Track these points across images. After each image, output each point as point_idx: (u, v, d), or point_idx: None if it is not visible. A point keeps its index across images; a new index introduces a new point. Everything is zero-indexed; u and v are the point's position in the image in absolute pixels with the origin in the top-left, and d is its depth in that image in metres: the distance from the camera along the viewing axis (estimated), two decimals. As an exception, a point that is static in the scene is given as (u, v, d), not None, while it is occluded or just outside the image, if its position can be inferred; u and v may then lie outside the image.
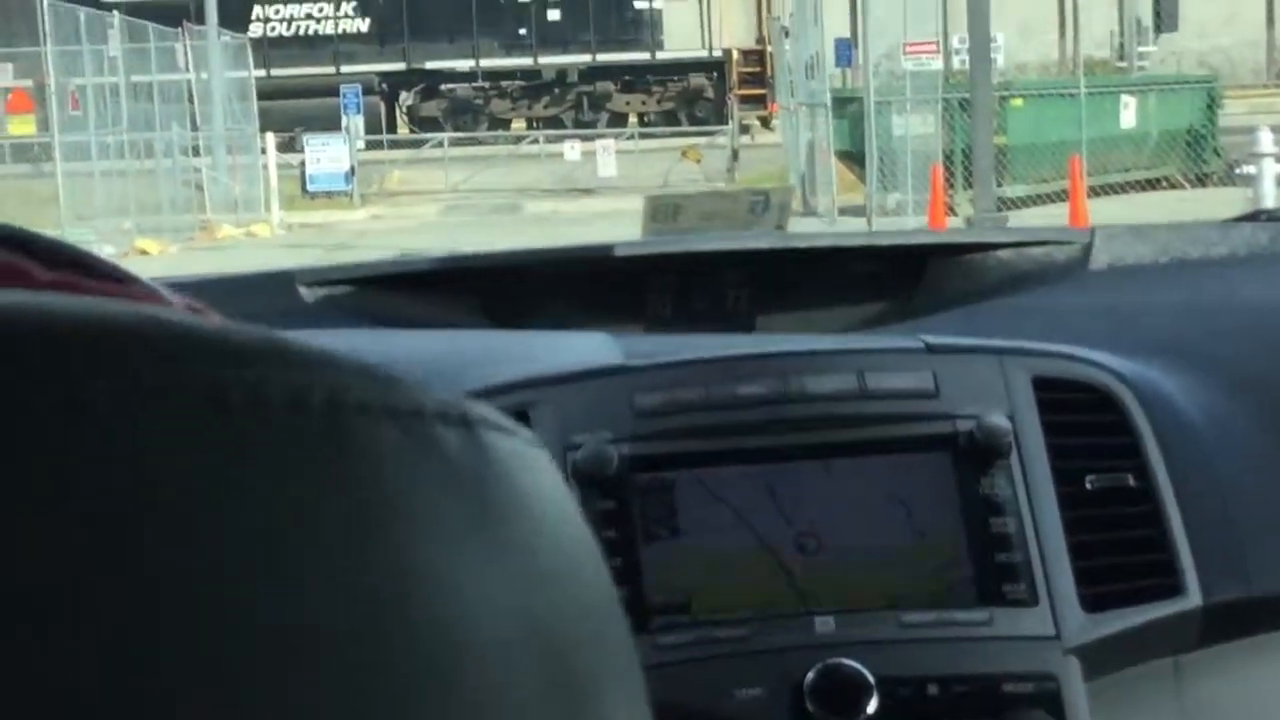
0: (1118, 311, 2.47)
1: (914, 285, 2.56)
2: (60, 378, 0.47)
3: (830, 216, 24.63)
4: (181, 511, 0.47)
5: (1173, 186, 27.07)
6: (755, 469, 2.00)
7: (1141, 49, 47.57)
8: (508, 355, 2.17)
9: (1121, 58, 48.65)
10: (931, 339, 2.14)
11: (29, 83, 27.11)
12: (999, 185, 22.56)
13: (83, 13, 27.04)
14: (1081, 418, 2.08)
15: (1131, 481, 2.05)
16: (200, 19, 32.63)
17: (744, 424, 2.01)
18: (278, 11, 42.76)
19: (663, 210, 2.67)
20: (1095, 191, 23.04)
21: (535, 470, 0.57)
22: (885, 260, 2.63)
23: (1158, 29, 45.88)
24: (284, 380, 0.50)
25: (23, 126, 26.33)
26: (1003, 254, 2.58)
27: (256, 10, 42.26)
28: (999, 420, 2.02)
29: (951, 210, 22.26)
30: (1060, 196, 22.65)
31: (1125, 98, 27.23)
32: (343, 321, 2.43)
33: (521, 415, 2.00)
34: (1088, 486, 2.04)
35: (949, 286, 2.53)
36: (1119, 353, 2.19)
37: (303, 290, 2.48)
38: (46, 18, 24.85)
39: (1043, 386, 2.09)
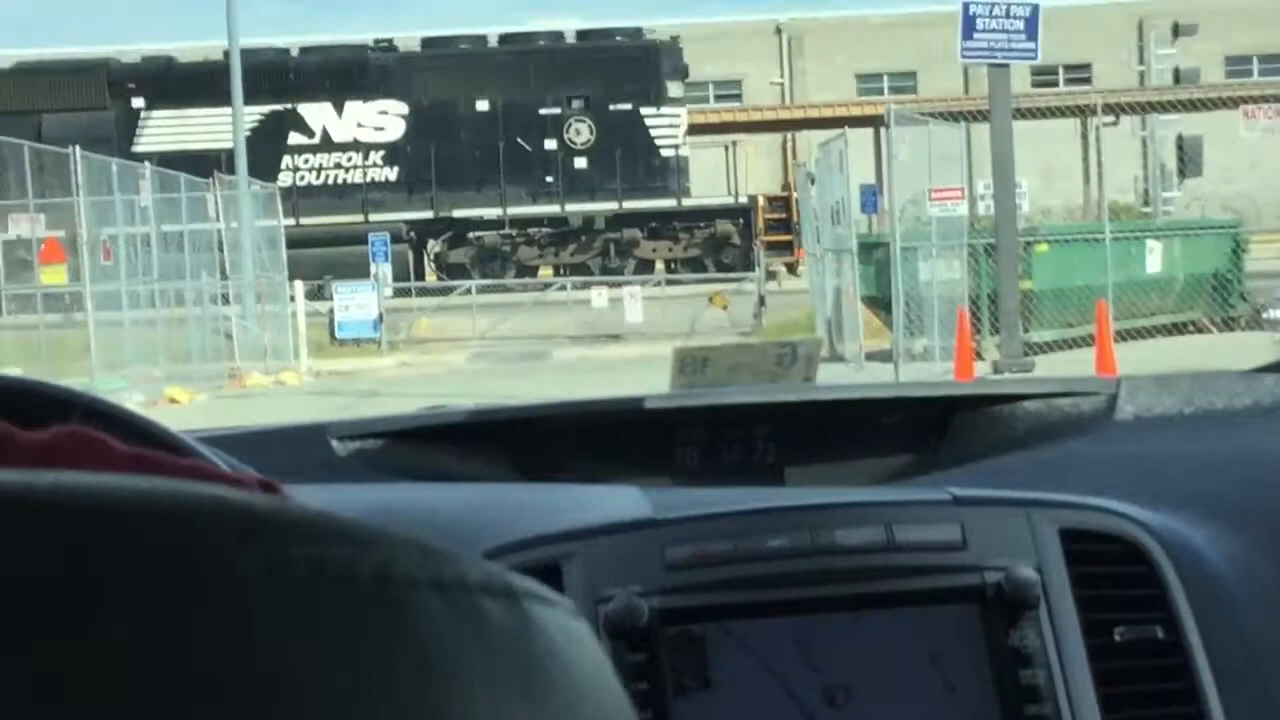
0: (1144, 462, 2.48)
1: (941, 437, 2.58)
2: (132, 562, 0.49)
3: (857, 362, 24.64)
4: (252, 679, 0.49)
5: (1199, 331, 27.06)
6: (784, 621, 2.01)
7: (1166, 194, 47.83)
8: (538, 509, 2.19)
9: (1146, 203, 48.94)
10: (959, 491, 2.15)
11: (61, 233, 27.33)
12: (1025, 330, 22.58)
13: (115, 164, 27.31)
14: (1109, 569, 2.09)
15: (1160, 633, 2.05)
16: (230, 169, 32.95)
17: (773, 577, 2.02)
18: (307, 161, 43.19)
19: (691, 362, 2.69)
20: (1121, 336, 23.04)
21: (577, 641, 0.59)
22: (912, 412, 2.65)
23: (1182, 174, 46.13)
24: (337, 555, 0.51)
25: (55, 276, 26.49)
26: (1029, 405, 2.59)
27: (286, 160, 42.69)
28: (1027, 572, 2.02)
29: (978, 355, 22.25)
30: (1086, 341, 22.63)
31: (1150, 242, 27.29)
32: (374, 475, 2.45)
33: (553, 569, 2.01)
34: (1116, 638, 2.04)
35: (976, 438, 2.55)
36: (1146, 504, 2.19)
37: (335, 443, 2.50)
38: (79, 169, 25.09)
39: (1070, 538, 2.09)
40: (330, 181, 43.43)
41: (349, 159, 43.32)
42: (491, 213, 42.72)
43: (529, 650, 0.55)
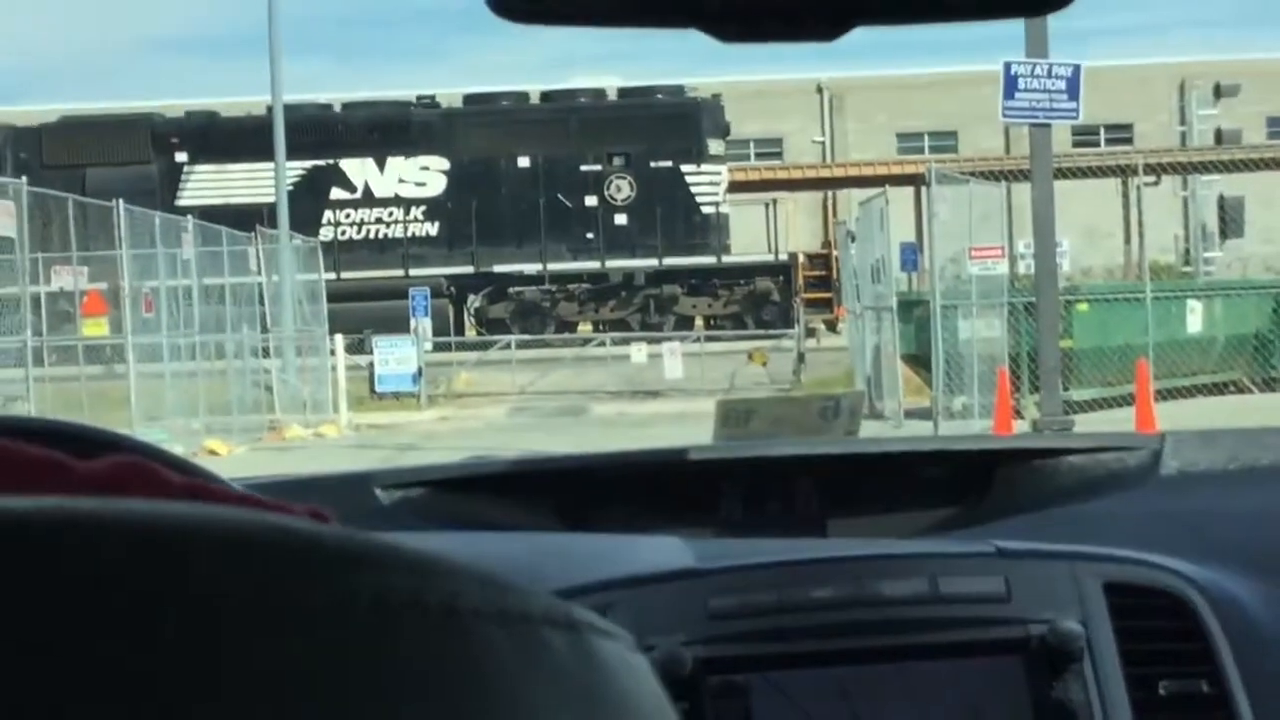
0: (1188, 518, 2.47)
1: (985, 490, 2.58)
2: (205, 586, 0.50)
3: (896, 419, 24.61)
4: (322, 708, 0.50)
5: (1240, 391, 26.97)
6: (827, 672, 2.01)
7: (1207, 254, 47.76)
8: (582, 558, 2.19)
9: (1187, 262, 48.86)
10: (1003, 544, 2.15)
11: (104, 285, 27.49)
12: (1065, 389, 22.51)
13: (158, 217, 27.47)
14: (1154, 623, 2.08)
15: (1205, 688, 2.04)
16: (272, 223, 33.10)
17: (817, 627, 2.02)
18: (348, 216, 43.37)
19: (734, 415, 2.71)
20: (1162, 395, 22.98)
21: (637, 674, 0.60)
22: (955, 465, 2.65)
23: (1223, 234, 46.05)
24: (404, 585, 0.52)
25: (96, 328, 26.62)
26: (1074, 459, 2.59)
27: (328, 214, 42.88)
28: (1071, 625, 2.02)
29: (1018, 414, 22.20)
30: (1126, 400, 22.59)
31: (1192, 302, 27.24)
32: (418, 524, 2.45)
33: (596, 618, 2.01)
34: (1161, 692, 2.03)
35: (1020, 492, 2.55)
36: (1190, 559, 2.19)
37: (379, 492, 2.51)
38: (122, 222, 25.24)
39: (1115, 592, 2.09)
40: (371, 236, 43.60)
41: (390, 214, 43.49)
42: (532, 268, 42.83)
43: (590, 682, 0.56)
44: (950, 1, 1.68)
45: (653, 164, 43.17)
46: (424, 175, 43.41)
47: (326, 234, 41.26)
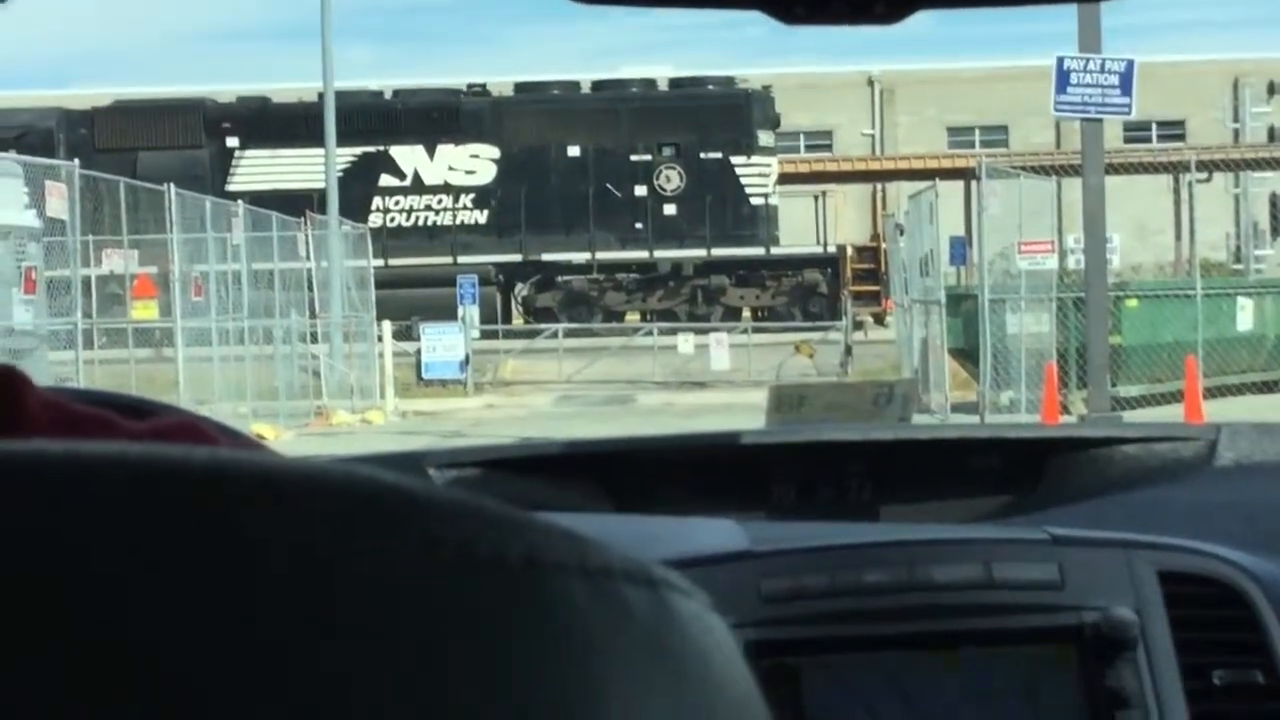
0: (1243, 509, 2.46)
1: (1038, 479, 2.57)
2: (297, 533, 0.51)
3: (943, 413, 24.56)
4: (406, 655, 0.50)
5: (1290, 389, 26.85)
6: (879, 656, 2.01)
7: (1258, 251, 47.51)
8: (634, 539, 2.19)
9: (1238, 260, 48.62)
10: (1057, 531, 2.14)
11: (154, 269, 27.60)
12: (1113, 385, 22.43)
13: (209, 202, 27.57)
14: (1208, 612, 2.07)
15: (1260, 678, 2.03)
16: (322, 209, 33.20)
17: (869, 611, 2.02)
18: (397, 203, 43.46)
19: (788, 400, 2.70)
20: (1210, 393, 22.87)
21: (715, 633, 0.60)
22: (1008, 454, 2.64)
23: (1275, 232, 45.81)
24: (487, 538, 0.53)
25: (146, 311, 26.73)
26: (1127, 449, 2.58)
27: (377, 201, 42.98)
28: (1125, 613, 2.01)
29: (1065, 409, 22.14)
30: (1175, 397, 22.51)
31: (1242, 299, 27.11)
32: None
33: (648, 599, 2.01)
34: (1215, 682, 2.02)
35: (1073, 481, 2.54)
36: (1245, 549, 2.18)
37: (432, 472, 2.52)
38: (173, 206, 25.34)
39: (1169, 580, 2.08)
40: (420, 223, 43.68)
41: (439, 201, 43.56)
42: (580, 257, 42.85)
43: (669, 638, 0.56)
44: None
45: (702, 155, 43.15)
46: (473, 163, 43.46)
47: (376, 220, 41.37)
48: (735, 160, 43.27)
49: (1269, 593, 2.09)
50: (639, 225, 42.96)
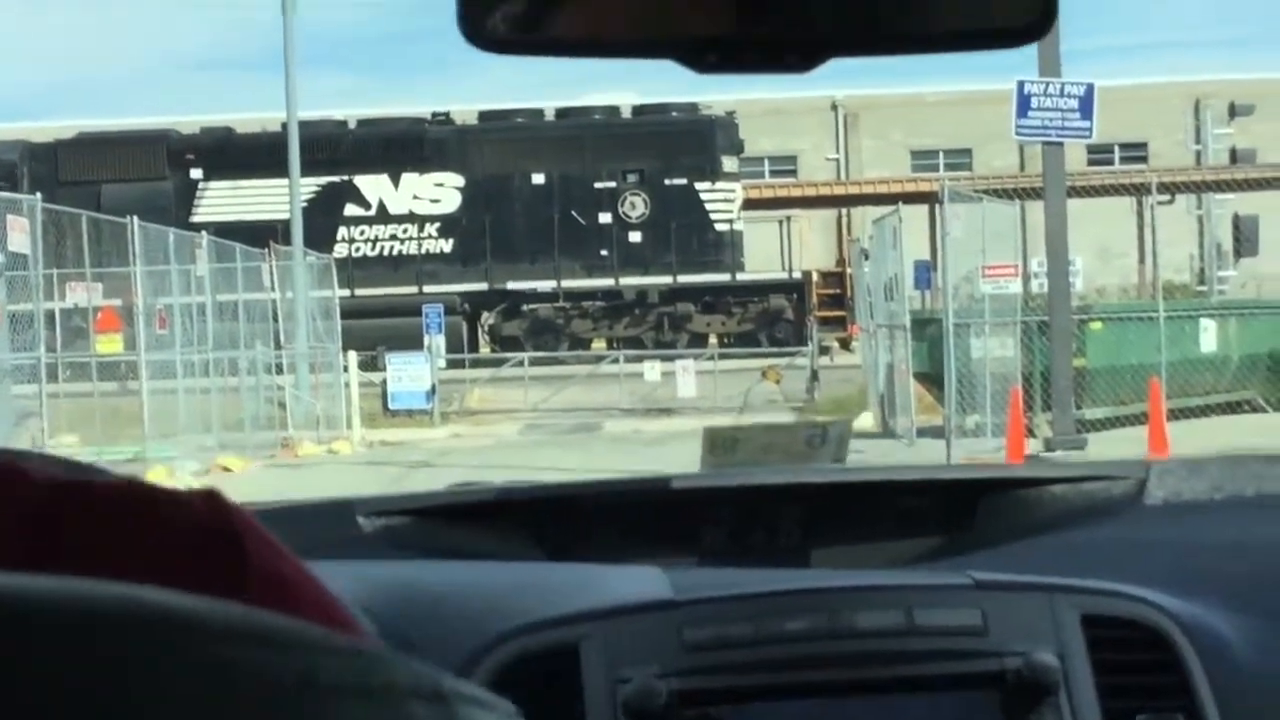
0: (1172, 548, 2.46)
1: (969, 520, 2.57)
2: (48, 666, 0.49)
3: (909, 438, 24.58)
4: None
5: (1254, 410, 26.91)
6: (803, 704, 2.00)
7: (1221, 273, 47.69)
8: (558, 589, 2.18)
9: (1201, 281, 48.80)
10: (980, 575, 2.14)
11: (118, 302, 27.52)
12: (1078, 408, 22.48)
13: (172, 234, 27.51)
14: (1132, 656, 2.07)
15: None
16: (287, 239, 33.16)
17: (792, 659, 2.02)
18: (362, 232, 43.43)
19: (721, 443, 2.70)
20: (1175, 415, 22.91)
21: None
22: (940, 495, 2.64)
23: (1238, 253, 46.02)
24: (256, 658, 0.51)
25: (110, 345, 26.65)
26: (1056, 489, 2.58)
27: (342, 231, 42.94)
28: (1047, 658, 2.01)
29: (1030, 432, 22.16)
30: (1140, 419, 22.53)
31: (1205, 321, 27.17)
32: (400, 553, 2.45)
33: (570, 650, 2.01)
34: None
35: (1003, 522, 2.54)
36: (1172, 590, 2.18)
37: (361, 520, 2.51)
38: (136, 239, 25.29)
39: (1092, 624, 2.08)
40: (385, 253, 43.65)
41: (404, 230, 43.54)
42: (545, 285, 42.86)
43: None
44: (923, 33, 1.68)
45: (667, 181, 43.20)
46: (438, 192, 43.46)
47: (341, 250, 41.34)
48: (700, 186, 43.33)
49: (1192, 635, 2.09)
50: (604, 252, 42.98)
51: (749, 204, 45.62)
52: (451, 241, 43.44)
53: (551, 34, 1.64)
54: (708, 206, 43.45)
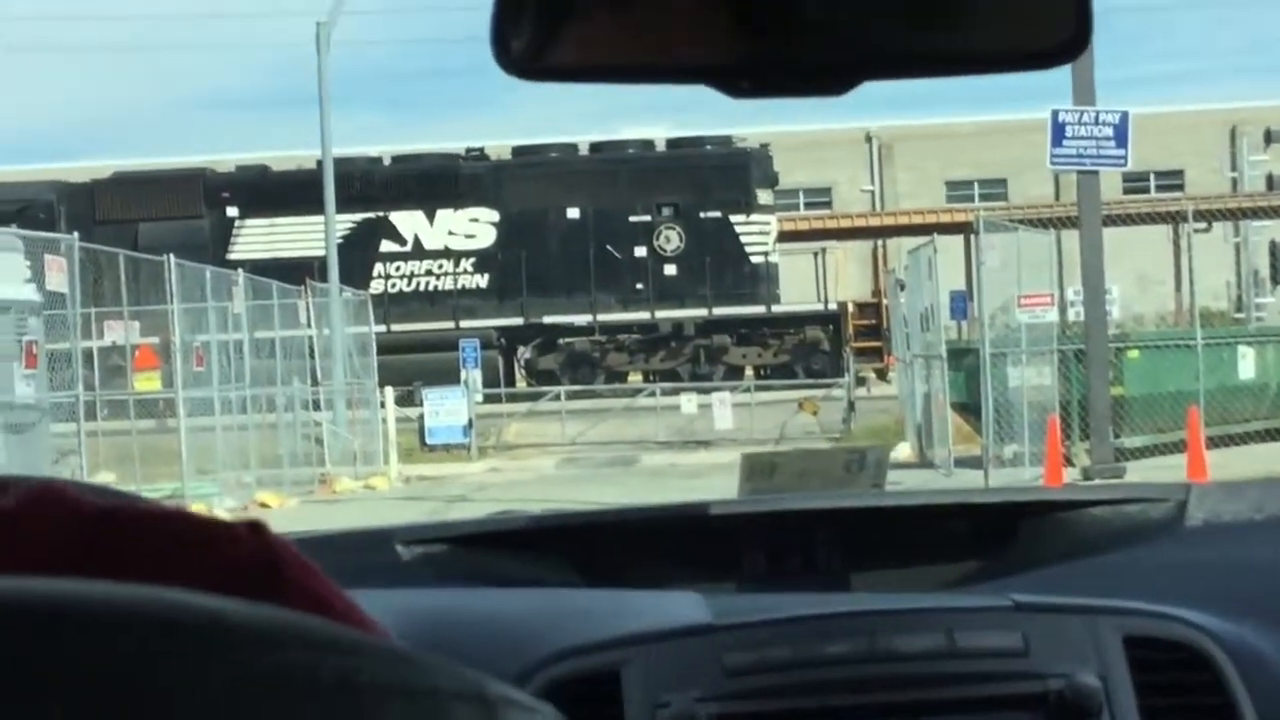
0: (1213, 569, 2.45)
1: (1008, 543, 2.56)
2: (92, 668, 0.49)
3: (946, 468, 24.54)
4: None
5: (1293, 438, 26.80)
6: None
7: (1259, 300, 47.56)
8: (598, 614, 2.19)
9: (1239, 309, 48.67)
10: (1021, 598, 2.14)
11: (155, 339, 27.62)
12: (1116, 436, 22.42)
13: (209, 271, 27.62)
14: (1174, 677, 2.06)
15: None
16: (323, 276, 33.26)
17: (832, 683, 2.01)
18: (398, 268, 43.52)
19: (759, 469, 2.70)
20: (1214, 442, 22.84)
21: None
22: (978, 519, 2.63)
23: (1275, 280, 45.85)
24: (301, 661, 0.52)
25: (148, 383, 26.73)
26: (1096, 511, 2.57)
27: (378, 267, 43.03)
28: (1089, 680, 2.00)
29: (1068, 461, 22.12)
30: (1178, 448, 22.46)
31: (1243, 348, 27.10)
32: (440, 580, 2.45)
33: (611, 675, 2.01)
34: None
35: (1043, 545, 2.53)
36: (1214, 611, 2.17)
37: (400, 549, 2.51)
38: (173, 277, 25.39)
39: (1134, 645, 2.07)
40: (421, 288, 43.72)
41: (440, 266, 43.61)
42: (581, 319, 42.87)
43: None
44: (956, 55, 1.69)
45: (702, 214, 43.21)
46: (473, 227, 43.54)
47: (377, 286, 41.43)
48: (734, 219, 43.33)
49: (1234, 656, 2.08)
50: (640, 286, 42.98)
51: (784, 236, 45.62)
52: (487, 276, 43.50)
53: (585, 60, 1.65)
54: (743, 239, 43.45)
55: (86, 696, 0.48)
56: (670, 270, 43.20)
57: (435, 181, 43.23)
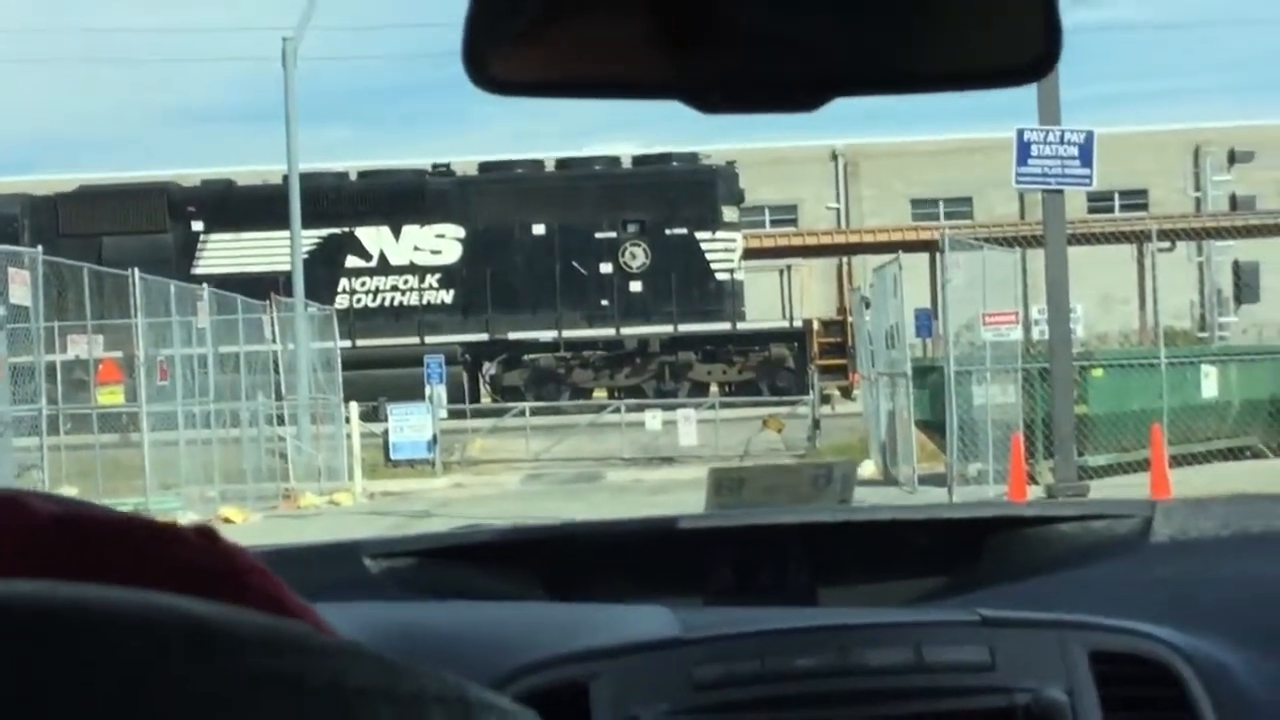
0: (1179, 585, 2.46)
1: (976, 559, 2.57)
2: (86, 671, 0.49)
3: (911, 485, 24.58)
4: None
5: (1256, 456, 26.92)
6: None
7: (1222, 319, 47.77)
8: (566, 628, 2.19)
9: (1202, 328, 48.85)
10: (988, 612, 2.14)
11: (119, 354, 27.54)
12: (1080, 454, 22.47)
13: (173, 286, 27.54)
14: (1140, 691, 2.07)
15: None
16: (288, 291, 33.19)
17: (801, 697, 2.02)
18: (364, 284, 43.44)
19: (727, 484, 2.70)
20: (1177, 461, 22.91)
21: None
22: (946, 534, 2.64)
23: (1238, 300, 46.10)
24: (289, 665, 0.52)
25: (111, 397, 26.65)
26: (1063, 527, 2.58)
27: (343, 282, 42.95)
28: (1056, 694, 2.01)
29: (1032, 479, 22.16)
30: (1142, 466, 22.53)
31: (1206, 367, 27.19)
32: (407, 594, 2.45)
33: (580, 688, 2.01)
34: None
35: (1010, 560, 2.54)
36: (1180, 627, 2.18)
37: (368, 562, 2.51)
38: (137, 291, 25.31)
39: (1101, 660, 2.08)
40: (386, 304, 43.65)
41: (405, 282, 43.55)
42: (546, 335, 42.83)
43: None
44: (926, 72, 1.69)
45: (668, 231, 43.22)
46: (439, 243, 43.48)
47: (342, 302, 41.34)
48: (700, 236, 43.35)
49: (1200, 671, 2.09)
50: (605, 302, 42.97)
51: (750, 253, 45.65)
52: (452, 292, 43.45)
53: (555, 75, 1.65)
54: (708, 256, 43.47)
55: (74, 702, 0.48)
56: (636, 287, 43.19)
57: (401, 197, 43.17)
